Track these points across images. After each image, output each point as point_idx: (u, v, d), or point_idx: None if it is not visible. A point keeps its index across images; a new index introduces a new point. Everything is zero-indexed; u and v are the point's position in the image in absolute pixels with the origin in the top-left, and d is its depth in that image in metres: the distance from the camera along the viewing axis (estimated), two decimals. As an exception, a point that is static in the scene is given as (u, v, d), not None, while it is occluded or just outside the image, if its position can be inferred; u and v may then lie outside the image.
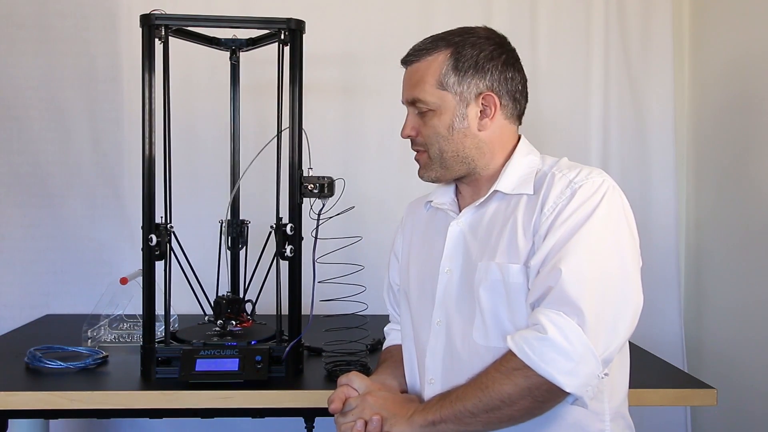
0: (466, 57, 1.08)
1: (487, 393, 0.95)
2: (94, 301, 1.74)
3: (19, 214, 2.04)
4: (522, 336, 0.95)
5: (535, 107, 2.06)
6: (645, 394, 1.35)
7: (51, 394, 1.28)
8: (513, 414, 0.95)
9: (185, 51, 1.61)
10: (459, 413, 0.97)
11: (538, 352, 0.92)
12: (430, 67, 1.09)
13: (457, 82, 1.08)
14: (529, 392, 0.94)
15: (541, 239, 1.00)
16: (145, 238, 1.37)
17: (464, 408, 0.97)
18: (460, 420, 0.97)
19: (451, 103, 1.08)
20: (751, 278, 1.83)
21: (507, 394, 0.94)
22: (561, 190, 1.02)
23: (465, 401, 0.97)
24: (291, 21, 1.39)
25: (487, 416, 0.96)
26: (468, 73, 1.08)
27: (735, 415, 1.88)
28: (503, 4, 2.11)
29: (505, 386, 0.94)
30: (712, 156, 2.05)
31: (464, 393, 0.98)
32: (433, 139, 1.10)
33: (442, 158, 1.11)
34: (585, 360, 0.92)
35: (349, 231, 1.48)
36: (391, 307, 1.35)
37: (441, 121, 1.09)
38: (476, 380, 0.99)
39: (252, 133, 1.93)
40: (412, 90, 1.11)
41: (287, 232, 1.37)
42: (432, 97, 1.08)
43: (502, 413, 0.95)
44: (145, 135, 1.37)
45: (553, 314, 0.93)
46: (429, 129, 1.10)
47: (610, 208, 1.00)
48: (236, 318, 1.50)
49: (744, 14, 1.89)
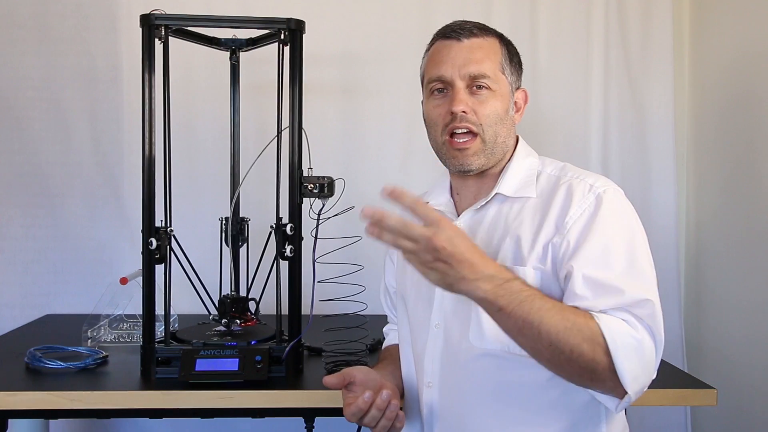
0: (513, 51, 1.12)
1: (569, 335, 0.88)
2: (94, 301, 1.74)
3: (19, 214, 2.04)
4: (615, 323, 0.91)
5: (535, 107, 2.07)
6: (645, 394, 1.32)
7: (51, 394, 1.28)
8: (563, 364, 0.90)
9: (185, 51, 1.62)
10: (529, 322, 0.89)
11: (625, 347, 0.90)
12: (492, 47, 1.09)
13: (510, 71, 1.10)
14: (596, 366, 0.90)
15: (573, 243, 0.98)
16: (145, 241, 1.37)
17: (539, 323, 0.89)
18: (522, 326, 0.89)
19: (507, 90, 1.10)
20: (752, 278, 1.83)
21: (580, 352, 0.89)
22: (583, 194, 1.02)
23: (544, 320, 0.89)
24: (291, 21, 1.39)
25: (547, 346, 0.89)
26: (516, 66, 1.12)
27: (735, 415, 1.87)
28: (503, 4, 2.11)
29: (586, 346, 0.89)
30: (712, 156, 2.05)
31: (550, 315, 0.89)
32: (492, 120, 1.06)
33: (494, 143, 1.08)
34: (649, 375, 0.94)
35: (349, 231, 1.48)
36: (388, 309, 1.35)
37: (501, 103, 1.08)
38: (564, 314, 0.90)
39: (252, 133, 1.93)
40: (478, 64, 1.06)
41: (287, 232, 1.37)
42: (495, 77, 1.08)
43: (560, 357, 0.90)
44: (145, 135, 1.37)
45: (639, 323, 0.92)
46: (488, 108, 1.06)
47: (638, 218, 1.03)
48: (241, 317, 1.51)
49: (744, 14, 1.89)
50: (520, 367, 1.00)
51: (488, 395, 1.04)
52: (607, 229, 0.98)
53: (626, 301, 0.93)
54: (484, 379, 1.04)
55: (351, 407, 1.03)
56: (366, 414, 1.03)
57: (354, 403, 1.03)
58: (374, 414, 1.03)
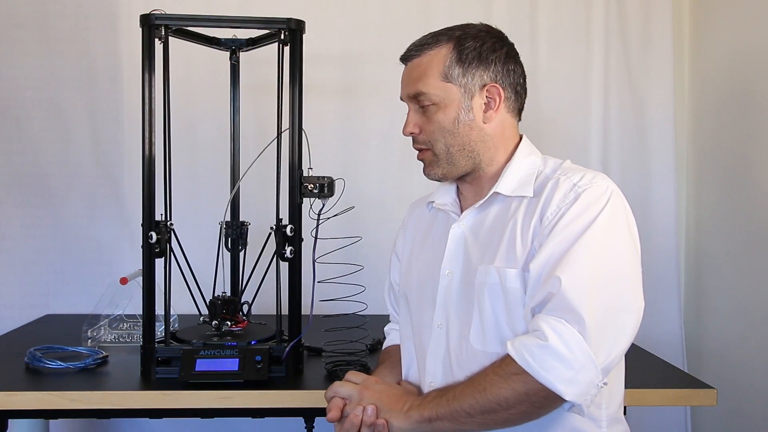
0: (469, 49, 1.07)
1: (485, 395, 0.95)
2: (94, 301, 1.74)
3: (19, 214, 2.04)
4: (522, 342, 0.95)
5: (535, 107, 2.07)
6: (645, 394, 1.35)
7: (51, 394, 1.28)
8: (509, 417, 0.95)
9: (185, 51, 1.62)
10: (455, 412, 0.97)
11: (539, 359, 0.91)
12: (432, 61, 1.08)
13: (461, 74, 1.07)
14: (527, 397, 0.93)
15: (541, 243, 0.99)
16: (145, 235, 1.37)
17: (461, 408, 0.96)
18: (456, 419, 0.97)
19: (456, 96, 1.07)
20: (752, 278, 1.83)
21: (504, 398, 0.94)
22: (564, 193, 1.01)
23: (462, 401, 0.97)
24: (291, 21, 1.39)
25: (483, 418, 0.96)
26: (472, 64, 1.07)
27: (735, 415, 1.88)
28: (503, 4, 2.11)
29: (503, 390, 0.94)
30: (712, 156, 2.05)
31: (462, 393, 0.98)
32: (438, 134, 1.08)
33: (448, 153, 1.09)
34: (585, 369, 0.91)
35: (349, 231, 1.48)
36: (392, 307, 1.35)
37: (446, 114, 1.07)
38: (474, 381, 0.98)
39: (252, 133, 1.93)
40: (414, 84, 1.08)
41: (287, 233, 1.37)
42: (436, 90, 1.07)
43: (498, 416, 0.95)
44: (145, 135, 1.37)
45: (554, 321, 0.92)
46: (433, 124, 1.08)
47: (614, 214, 0.99)
48: (232, 318, 1.50)
49: (744, 14, 1.89)
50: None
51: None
52: (563, 226, 0.97)
53: (539, 297, 0.95)
54: None
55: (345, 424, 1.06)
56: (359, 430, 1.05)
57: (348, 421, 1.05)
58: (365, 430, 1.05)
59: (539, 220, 1.01)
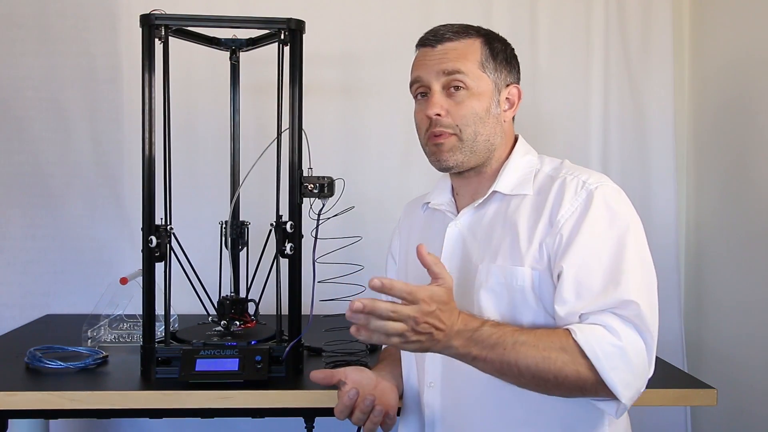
0: (498, 49, 1.12)
1: (547, 364, 0.91)
2: (94, 301, 1.74)
3: (19, 214, 2.04)
4: (594, 334, 0.92)
5: (535, 107, 2.06)
6: (645, 394, 1.32)
7: (51, 394, 1.28)
8: (552, 389, 0.94)
9: (185, 51, 1.61)
10: (506, 363, 0.92)
11: (609, 356, 0.91)
12: (470, 48, 1.09)
13: (493, 69, 1.10)
14: (584, 383, 0.92)
15: (560, 243, 0.98)
16: (145, 239, 1.37)
17: (515, 362, 0.92)
18: (501, 368, 0.93)
19: (489, 88, 1.09)
20: (752, 278, 1.83)
21: (564, 375, 0.91)
22: (575, 191, 1.01)
23: (520, 357, 0.92)
24: (291, 21, 1.39)
25: (530, 379, 0.93)
26: (502, 63, 1.11)
27: (735, 415, 1.87)
28: (503, 4, 2.11)
29: (568, 369, 0.91)
30: (712, 156, 2.05)
31: (524, 350, 0.92)
32: (470, 119, 1.08)
33: (474, 141, 1.08)
34: (642, 378, 0.94)
35: (349, 231, 1.48)
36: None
37: (480, 102, 1.08)
38: (538, 344, 0.93)
39: (252, 133, 1.93)
40: (454, 62, 1.08)
41: (287, 230, 1.37)
42: (474, 75, 1.08)
43: (545, 384, 0.93)
44: (145, 135, 1.36)
45: (625, 325, 0.93)
46: (465, 109, 1.08)
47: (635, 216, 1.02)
48: (240, 318, 1.51)
49: (744, 15, 1.89)
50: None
51: (490, 396, 1.04)
52: (596, 228, 0.98)
53: (609, 302, 0.93)
54: (485, 380, 1.03)
55: (338, 404, 1.06)
56: (353, 412, 1.05)
57: (340, 401, 1.05)
58: (359, 416, 1.05)
59: (549, 221, 1.01)
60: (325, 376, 1.09)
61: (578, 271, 0.96)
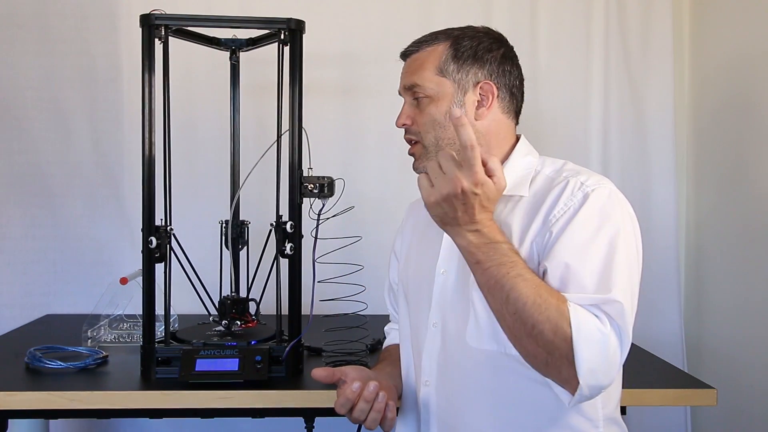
0: (465, 47, 1.09)
1: (534, 310, 0.90)
2: (94, 301, 1.74)
3: (19, 214, 2.04)
4: (585, 315, 0.91)
5: (535, 107, 2.07)
6: (645, 394, 1.35)
7: (51, 394, 1.28)
8: (523, 338, 0.92)
9: (185, 51, 1.61)
10: (500, 285, 0.92)
11: (588, 338, 0.89)
12: (430, 56, 1.10)
13: (456, 70, 1.09)
14: (554, 349, 0.90)
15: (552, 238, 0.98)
16: (145, 240, 1.37)
17: (509, 289, 0.91)
18: (493, 287, 0.93)
19: (449, 90, 1.08)
20: (751, 278, 1.83)
21: (540, 330, 0.89)
22: (572, 191, 1.01)
23: (515, 288, 0.91)
24: (291, 21, 1.39)
25: (512, 314, 0.91)
26: (467, 61, 1.09)
27: (735, 415, 1.88)
28: (503, 4, 2.11)
29: (547, 326, 0.89)
30: (711, 156, 2.05)
31: (523, 285, 0.91)
32: (429, 126, 1.09)
33: (437, 147, 1.09)
34: (608, 374, 0.91)
35: (349, 231, 1.48)
36: (391, 307, 1.35)
37: (438, 108, 1.08)
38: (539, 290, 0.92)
39: (252, 133, 1.93)
40: (410, 76, 1.11)
41: (287, 230, 1.37)
42: (430, 83, 1.09)
43: (521, 329, 0.91)
44: (145, 135, 1.37)
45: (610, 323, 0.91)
46: (425, 116, 1.10)
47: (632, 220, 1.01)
48: (241, 318, 1.51)
49: (744, 14, 1.89)
50: (517, 368, 1.00)
51: (484, 395, 1.04)
52: (588, 226, 0.97)
53: (595, 299, 0.92)
54: (480, 379, 1.04)
55: (339, 398, 1.05)
56: (355, 406, 1.04)
57: (342, 395, 1.04)
58: (362, 406, 1.03)
59: (543, 220, 1.00)
60: (327, 374, 1.09)
61: (564, 270, 0.95)
